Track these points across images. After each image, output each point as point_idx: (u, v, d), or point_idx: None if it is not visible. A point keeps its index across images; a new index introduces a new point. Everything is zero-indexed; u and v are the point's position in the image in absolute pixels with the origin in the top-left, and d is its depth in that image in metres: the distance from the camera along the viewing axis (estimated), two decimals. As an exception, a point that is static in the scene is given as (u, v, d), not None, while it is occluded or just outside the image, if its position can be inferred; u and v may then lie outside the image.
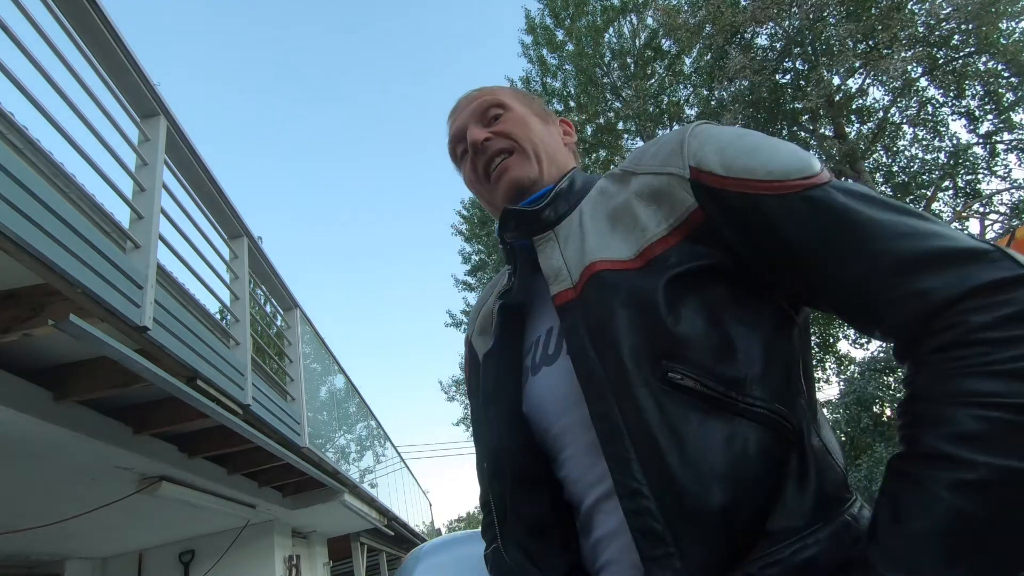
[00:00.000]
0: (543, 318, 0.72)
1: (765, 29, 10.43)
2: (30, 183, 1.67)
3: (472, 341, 0.87)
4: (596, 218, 0.65)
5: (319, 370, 5.70)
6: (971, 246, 0.47)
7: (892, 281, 0.48)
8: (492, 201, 0.80)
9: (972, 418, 0.42)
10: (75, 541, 4.06)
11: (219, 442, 3.39)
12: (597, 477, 0.62)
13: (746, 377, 0.54)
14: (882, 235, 0.49)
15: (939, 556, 0.41)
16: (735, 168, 0.56)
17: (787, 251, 0.54)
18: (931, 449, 0.44)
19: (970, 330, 0.44)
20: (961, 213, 10.10)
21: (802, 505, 0.52)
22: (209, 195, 3.30)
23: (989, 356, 0.43)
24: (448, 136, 0.84)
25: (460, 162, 0.83)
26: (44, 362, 2.34)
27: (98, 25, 2.26)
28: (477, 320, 0.87)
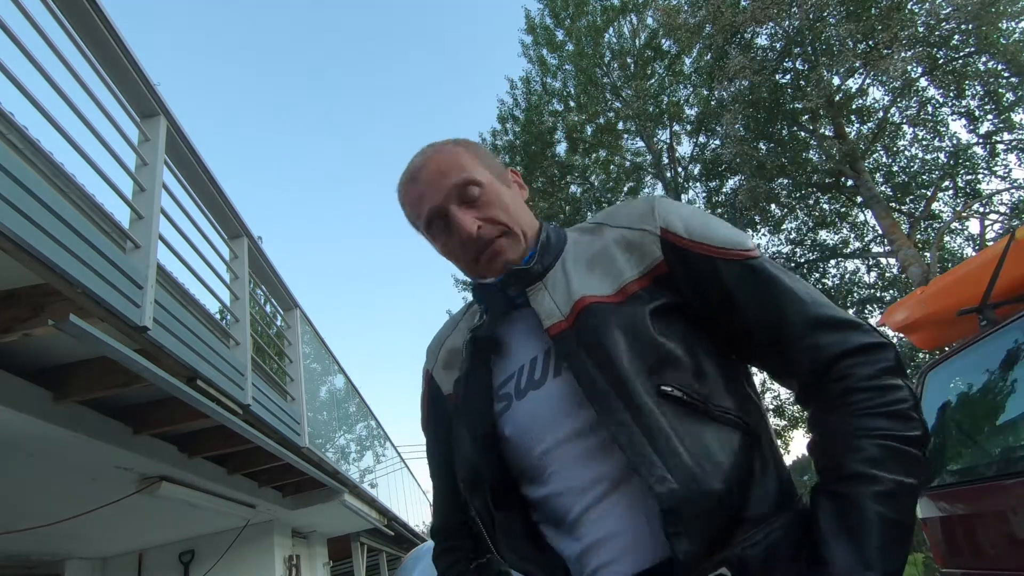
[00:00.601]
0: (524, 350, 0.78)
1: (765, 29, 10.42)
2: (30, 183, 1.67)
3: (433, 374, 0.90)
4: (577, 264, 0.77)
5: (319, 370, 5.70)
6: (851, 318, 0.68)
7: (800, 333, 0.67)
8: (475, 272, 0.82)
9: (875, 447, 0.60)
10: (75, 541, 4.06)
11: (219, 442, 3.39)
12: (588, 483, 0.68)
13: (713, 392, 0.68)
14: (796, 299, 0.68)
15: (879, 550, 0.56)
16: (695, 235, 0.72)
17: (729, 302, 0.70)
18: (852, 471, 0.60)
19: (860, 379, 0.63)
20: (961, 213, 10.10)
21: (768, 496, 0.66)
22: (209, 195, 3.30)
23: (874, 400, 0.62)
24: (410, 203, 0.82)
25: (429, 231, 0.82)
26: (44, 362, 2.34)
27: (98, 25, 2.26)
28: (439, 354, 0.90)
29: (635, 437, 0.63)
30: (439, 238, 0.81)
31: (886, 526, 0.58)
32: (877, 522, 0.57)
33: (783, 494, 0.67)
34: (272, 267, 4.30)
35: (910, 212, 10.53)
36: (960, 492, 2.39)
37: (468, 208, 0.78)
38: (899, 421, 0.61)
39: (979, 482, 2.28)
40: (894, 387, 0.63)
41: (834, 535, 0.58)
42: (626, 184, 14.39)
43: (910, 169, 10.66)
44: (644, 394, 0.65)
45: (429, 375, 0.91)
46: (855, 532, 0.58)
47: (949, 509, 2.44)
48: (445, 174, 0.79)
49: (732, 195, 11.95)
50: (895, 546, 0.58)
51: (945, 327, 2.85)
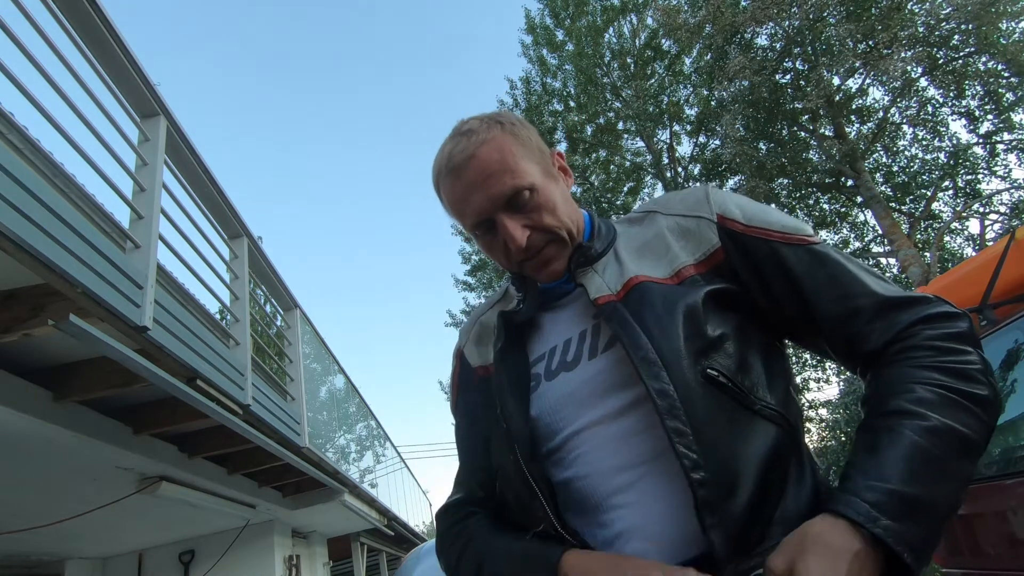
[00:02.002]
0: (557, 332, 0.79)
1: (765, 29, 10.42)
2: (30, 183, 1.67)
3: (464, 351, 0.90)
4: (628, 252, 0.77)
5: (319, 370, 5.70)
6: (924, 295, 0.67)
7: (871, 315, 0.65)
8: (518, 272, 0.81)
9: (928, 391, 0.58)
10: (75, 541, 4.06)
11: (219, 442, 3.39)
12: (617, 467, 0.67)
13: (757, 384, 0.67)
14: (864, 283, 0.67)
15: (903, 474, 0.53)
16: (753, 220, 0.72)
17: (794, 287, 0.69)
18: (898, 407, 0.58)
19: (924, 339, 0.62)
20: (961, 213, 10.10)
21: (804, 496, 0.63)
22: (209, 195, 3.30)
23: (936, 358, 0.60)
24: (452, 201, 0.77)
25: (472, 231, 0.78)
26: (44, 362, 2.34)
27: (98, 25, 2.26)
28: (472, 332, 0.90)
29: (677, 413, 0.61)
30: (483, 239, 0.78)
31: (922, 456, 0.53)
32: (911, 448, 0.54)
33: (819, 495, 0.65)
34: (272, 267, 4.30)
35: (910, 212, 10.53)
36: (960, 492, 2.38)
37: (516, 214, 0.74)
38: (961, 379, 0.58)
39: (979, 482, 2.28)
40: (961, 351, 0.61)
41: (860, 455, 0.56)
42: (626, 184, 14.40)
43: (910, 169, 10.66)
44: (691, 371, 0.63)
45: (460, 353, 0.91)
46: (881, 452, 0.55)
47: (949, 509, 2.43)
48: (494, 177, 0.73)
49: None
50: (932, 478, 0.53)
51: (945, 327, 2.85)
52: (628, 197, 14.61)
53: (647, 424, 0.66)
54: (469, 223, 0.77)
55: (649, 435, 0.66)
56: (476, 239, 0.79)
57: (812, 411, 13.50)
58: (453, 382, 0.92)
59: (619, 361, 0.69)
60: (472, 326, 0.91)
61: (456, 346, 0.93)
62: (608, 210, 13.98)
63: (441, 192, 0.79)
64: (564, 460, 0.71)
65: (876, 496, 0.52)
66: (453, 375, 0.92)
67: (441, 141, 0.81)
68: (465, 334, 0.92)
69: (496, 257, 0.79)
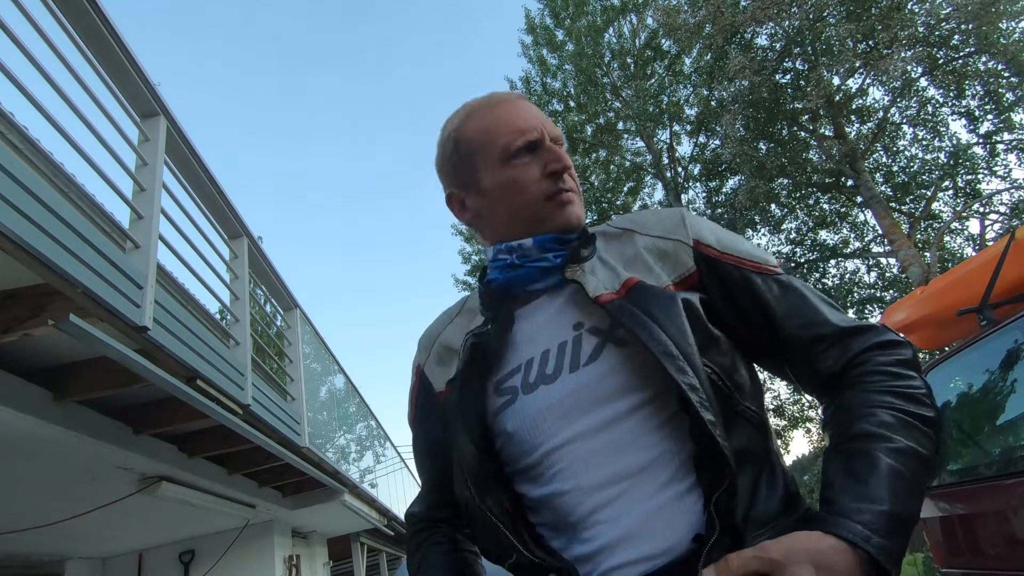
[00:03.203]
0: (531, 342, 0.76)
1: (765, 29, 10.43)
2: (30, 183, 1.67)
3: (425, 369, 0.86)
4: (614, 260, 0.77)
5: (319, 370, 5.70)
6: (874, 324, 0.72)
7: (832, 341, 0.70)
8: (540, 212, 0.77)
9: (888, 415, 0.62)
10: (75, 541, 4.06)
11: (219, 442, 3.39)
12: (600, 482, 0.66)
13: (742, 386, 0.70)
14: (824, 313, 0.72)
15: (885, 494, 0.56)
16: (726, 247, 0.75)
17: (764, 313, 0.72)
18: (865, 431, 0.61)
19: (876, 364, 0.67)
20: (961, 213, 10.10)
21: (776, 497, 0.66)
22: (209, 195, 3.31)
23: (889, 382, 0.65)
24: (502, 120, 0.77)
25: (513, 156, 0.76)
26: (44, 362, 2.34)
27: (98, 25, 2.26)
28: (433, 348, 0.86)
29: (708, 406, 0.62)
30: (518, 166, 0.76)
31: (897, 477, 0.57)
32: (887, 470, 0.58)
33: (790, 497, 0.68)
34: (272, 267, 4.30)
35: (910, 212, 10.53)
36: (960, 492, 2.39)
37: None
38: (912, 402, 0.63)
39: (979, 482, 2.28)
40: (908, 376, 0.66)
41: (841, 478, 0.59)
42: (626, 184, 14.40)
43: (910, 169, 10.66)
44: (701, 369, 0.65)
45: (420, 370, 0.88)
46: (863, 476, 0.58)
47: (949, 509, 2.44)
48: (542, 117, 0.78)
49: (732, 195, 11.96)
50: (907, 496, 0.57)
51: (945, 327, 2.85)
52: (628, 197, 14.61)
53: (633, 437, 0.66)
54: (517, 143, 0.75)
55: (635, 449, 0.65)
56: (508, 166, 0.76)
57: (812, 411, 13.51)
58: (412, 397, 0.89)
59: (605, 374, 0.69)
60: (431, 344, 0.87)
61: (415, 361, 0.89)
62: (608, 210, 13.98)
63: (484, 118, 0.79)
64: (543, 476, 0.69)
65: (865, 517, 0.55)
66: (412, 390, 0.89)
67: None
68: (425, 351, 0.88)
69: (523, 186, 0.76)
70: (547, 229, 0.77)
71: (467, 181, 0.81)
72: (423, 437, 0.87)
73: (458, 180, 0.82)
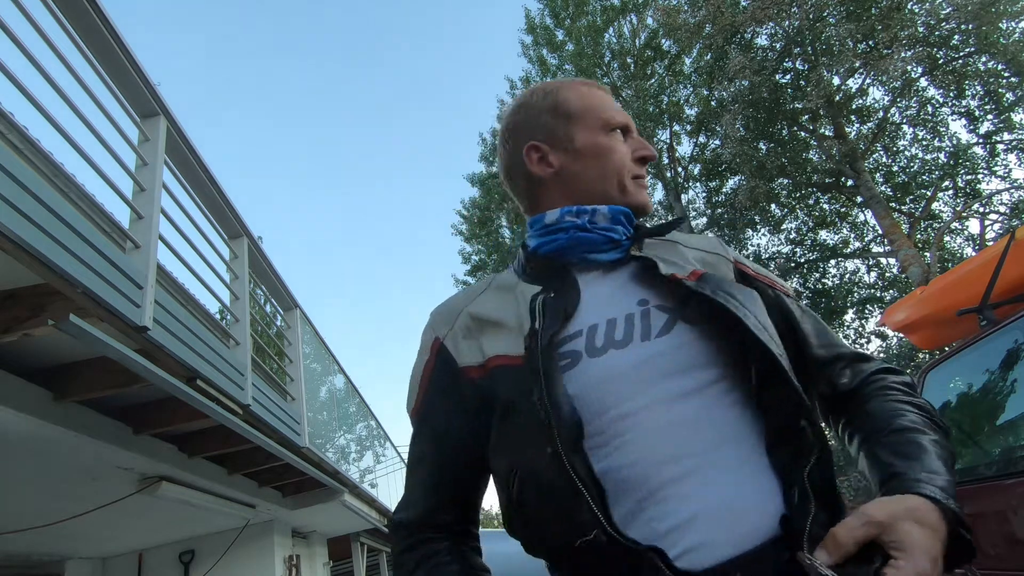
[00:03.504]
0: (594, 310, 0.73)
1: (765, 29, 10.43)
2: (30, 183, 1.67)
3: (445, 342, 0.78)
4: (667, 254, 0.80)
5: (319, 370, 5.70)
6: (869, 352, 0.83)
7: (848, 361, 0.78)
8: (621, 182, 0.80)
9: (917, 416, 0.69)
10: (75, 541, 4.06)
11: (219, 442, 3.39)
12: (671, 455, 0.62)
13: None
14: (837, 338, 0.81)
15: (943, 470, 0.60)
16: (759, 270, 0.84)
17: (792, 330, 0.78)
18: (903, 426, 0.67)
19: (891, 382, 0.75)
20: (961, 213, 10.10)
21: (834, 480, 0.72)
22: (209, 195, 3.30)
23: (906, 395, 0.72)
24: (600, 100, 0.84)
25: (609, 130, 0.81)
26: (44, 362, 2.34)
27: (98, 25, 2.26)
28: (458, 322, 0.78)
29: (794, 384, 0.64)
30: (615, 138, 0.81)
31: (944, 459, 0.63)
32: (936, 452, 0.63)
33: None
34: (272, 267, 4.30)
35: (910, 212, 10.54)
36: (960, 492, 2.38)
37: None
38: (928, 412, 0.70)
39: (979, 482, 2.28)
40: (917, 394, 0.74)
41: (901, 459, 0.63)
42: (626, 184, 14.38)
43: (910, 169, 10.66)
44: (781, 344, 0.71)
45: (439, 344, 0.78)
46: (920, 456, 0.62)
47: (949, 509, 2.43)
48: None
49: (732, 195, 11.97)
50: (953, 476, 0.61)
51: (945, 327, 2.85)
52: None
53: (708, 412, 0.64)
54: (617, 119, 0.82)
55: (709, 423, 0.63)
56: (606, 135, 0.81)
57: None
58: (423, 378, 0.79)
59: (680, 346, 0.67)
60: (455, 316, 0.79)
61: (431, 336, 0.80)
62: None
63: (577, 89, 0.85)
64: (606, 445, 0.64)
65: (939, 482, 0.58)
66: (424, 370, 0.79)
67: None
68: (446, 324, 0.79)
69: (618, 156, 0.81)
70: (624, 204, 0.80)
71: (559, 137, 0.82)
72: (433, 423, 0.77)
73: (547, 134, 0.83)
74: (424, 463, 0.78)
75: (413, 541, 0.74)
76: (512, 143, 0.86)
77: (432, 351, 0.79)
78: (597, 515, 0.59)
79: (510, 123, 0.87)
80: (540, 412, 0.63)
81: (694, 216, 13.67)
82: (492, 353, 0.72)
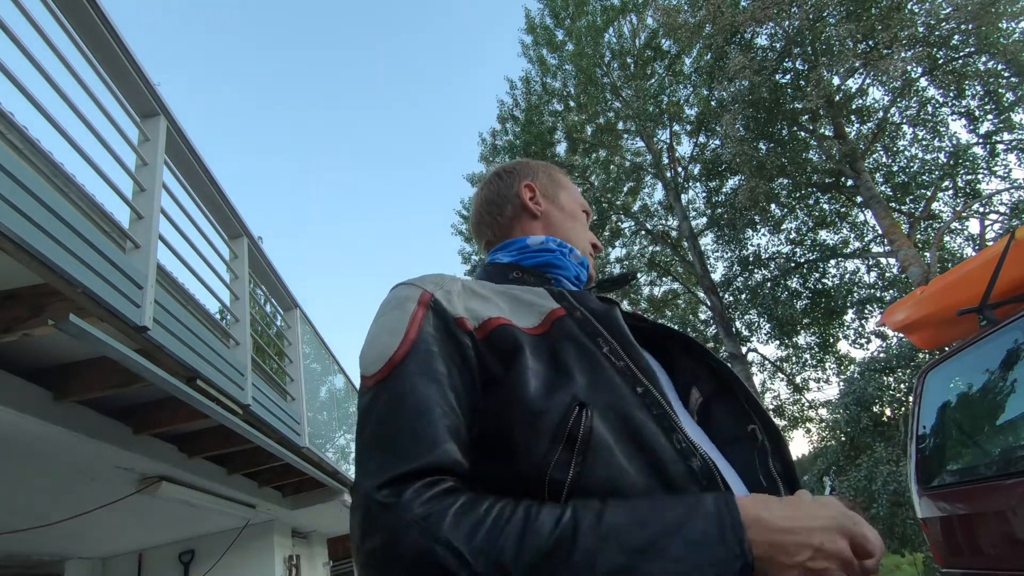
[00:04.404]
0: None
1: (765, 29, 10.43)
2: (30, 183, 1.67)
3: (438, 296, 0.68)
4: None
5: (319, 370, 5.70)
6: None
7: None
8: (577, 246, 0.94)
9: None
10: (75, 541, 4.06)
11: (219, 442, 3.39)
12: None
13: None
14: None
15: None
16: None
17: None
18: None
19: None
20: (961, 213, 10.10)
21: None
22: (209, 195, 3.30)
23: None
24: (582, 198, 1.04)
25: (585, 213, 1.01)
26: (44, 362, 2.34)
27: (98, 25, 2.26)
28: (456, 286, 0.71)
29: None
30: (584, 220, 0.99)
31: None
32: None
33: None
34: (272, 267, 4.30)
35: (910, 212, 10.54)
36: (960, 492, 2.39)
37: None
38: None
39: (979, 482, 2.28)
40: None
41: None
42: (626, 184, 14.40)
43: (910, 169, 10.66)
44: None
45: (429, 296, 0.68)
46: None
47: (949, 509, 2.44)
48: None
49: (732, 195, 11.97)
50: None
51: (945, 327, 2.86)
52: (628, 197, 14.62)
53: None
54: (583, 203, 1.02)
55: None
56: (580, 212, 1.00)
57: (812, 411, 13.51)
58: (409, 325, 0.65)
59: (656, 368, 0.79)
60: (444, 280, 0.71)
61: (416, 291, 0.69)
62: (608, 210, 13.98)
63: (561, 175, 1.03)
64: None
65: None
66: (413, 318, 0.65)
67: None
68: (434, 284, 0.70)
69: (583, 230, 0.98)
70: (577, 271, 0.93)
71: (548, 190, 0.98)
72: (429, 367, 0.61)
73: (542, 186, 0.98)
74: (433, 403, 0.59)
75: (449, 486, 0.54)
76: (507, 179, 0.98)
77: (421, 303, 0.67)
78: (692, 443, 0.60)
79: (509, 166, 1.00)
80: (616, 361, 0.66)
81: (694, 216, 13.67)
82: (489, 315, 0.67)
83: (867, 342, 11.78)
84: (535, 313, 0.71)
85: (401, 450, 0.56)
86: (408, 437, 0.57)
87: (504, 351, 0.64)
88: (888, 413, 8.95)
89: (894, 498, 7.30)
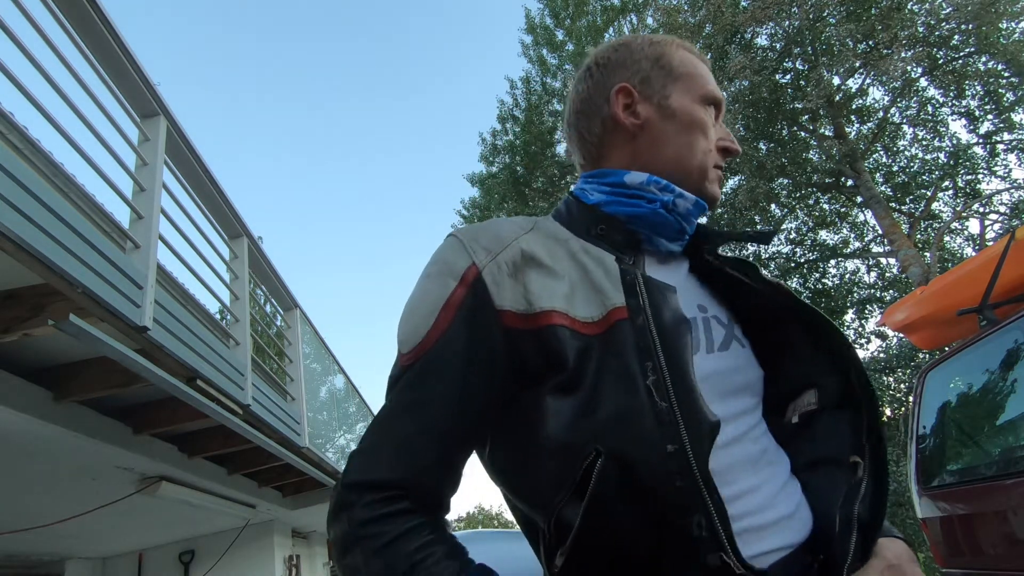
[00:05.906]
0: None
1: (765, 29, 10.43)
2: (30, 183, 1.67)
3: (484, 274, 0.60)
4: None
5: (319, 370, 5.70)
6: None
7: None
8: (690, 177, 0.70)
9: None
10: (75, 541, 4.06)
11: (219, 442, 3.39)
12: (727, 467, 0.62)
13: None
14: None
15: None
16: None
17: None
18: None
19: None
20: (961, 213, 10.10)
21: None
22: (209, 195, 3.30)
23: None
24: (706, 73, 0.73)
25: (709, 100, 0.72)
26: (44, 362, 2.34)
27: (98, 25, 2.26)
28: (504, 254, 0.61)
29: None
30: (708, 114, 0.71)
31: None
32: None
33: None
34: (272, 267, 4.30)
35: (910, 212, 10.53)
36: (960, 492, 2.39)
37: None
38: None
39: (979, 482, 2.28)
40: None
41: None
42: (626, 184, 14.38)
43: (910, 169, 10.66)
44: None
45: (476, 275, 0.59)
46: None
47: (949, 509, 2.44)
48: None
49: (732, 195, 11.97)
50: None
51: (945, 327, 2.86)
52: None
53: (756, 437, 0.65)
54: (716, 94, 0.72)
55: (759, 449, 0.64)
56: (703, 107, 0.71)
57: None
58: (444, 309, 0.59)
59: (733, 369, 0.65)
60: (503, 245, 0.61)
61: (466, 260, 0.61)
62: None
63: (685, 52, 0.74)
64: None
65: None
66: (450, 300, 0.59)
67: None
68: (488, 252, 0.61)
69: (706, 133, 0.71)
70: (694, 190, 0.70)
71: (654, 89, 0.71)
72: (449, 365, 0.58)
73: (642, 82, 0.71)
74: (431, 408, 0.57)
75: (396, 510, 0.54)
76: (599, 77, 0.73)
77: (463, 282, 0.59)
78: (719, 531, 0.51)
79: (603, 57, 0.74)
80: (659, 400, 0.53)
81: (694, 216, 13.63)
82: (546, 306, 0.58)
83: (867, 342, 11.78)
84: (598, 303, 0.59)
85: (386, 458, 0.57)
86: (394, 447, 0.57)
87: (549, 353, 0.57)
88: (888, 413, 8.95)
89: (894, 498, 7.31)
